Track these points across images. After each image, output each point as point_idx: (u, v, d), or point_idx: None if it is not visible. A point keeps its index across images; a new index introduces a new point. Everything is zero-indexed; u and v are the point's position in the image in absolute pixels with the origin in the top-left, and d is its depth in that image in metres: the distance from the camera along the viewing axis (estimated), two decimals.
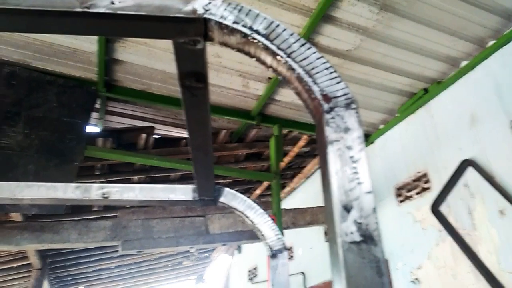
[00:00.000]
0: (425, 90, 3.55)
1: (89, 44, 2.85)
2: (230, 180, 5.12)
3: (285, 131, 4.29)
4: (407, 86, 3.55)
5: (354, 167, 0.52)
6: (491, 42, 3.03)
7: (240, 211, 1.34)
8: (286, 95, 3.60)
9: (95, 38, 2.77)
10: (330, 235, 0.49)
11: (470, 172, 2.97)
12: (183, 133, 4.23)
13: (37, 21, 0.58)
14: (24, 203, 1.35)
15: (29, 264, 5.43)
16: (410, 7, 2.72)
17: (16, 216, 3.51)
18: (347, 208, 0.49)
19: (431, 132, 3.46)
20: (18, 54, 2.86)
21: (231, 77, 3.29)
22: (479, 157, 2.94)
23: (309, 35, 2.84)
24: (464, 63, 3.24)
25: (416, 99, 3.62)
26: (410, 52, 3.13)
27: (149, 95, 3.41)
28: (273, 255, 1.37)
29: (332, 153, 0.53)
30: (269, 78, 3.35)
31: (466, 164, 3.01)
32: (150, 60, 3.06)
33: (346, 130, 0.56)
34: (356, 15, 2.77)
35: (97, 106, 3.41)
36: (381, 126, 4.05)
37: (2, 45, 2.78)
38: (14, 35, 2.70)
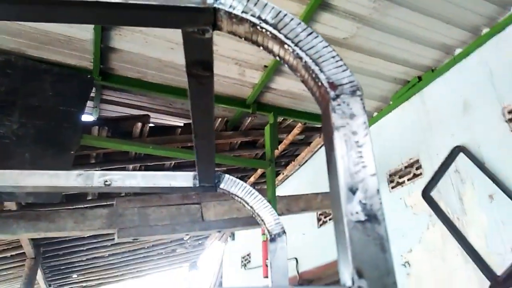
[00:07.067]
0: (419, 78, 3.59)
1: (84, 32, 2.83)
2: (225, 168, 5.16)
3: (279, 119, 4.31)
4: (401, 74, 3.58)
5: (359, 151, 0.55)
6: (486, 30, 3.07)
7: (239, 197, 1.37)
8: (281, 83, 3.62)
9: (90, 26, 2.75)
10: (336, 215, 0.53)
11: (461, 158, 3.04)
12: (178, 122, 4.23)
13: (47, 11, 0.59)
14: (27, 191, 1.36)
15: (23, 253, 5.44)
16: None
17: (11, 205, 3.51)
18: (352, 190, 0.52)
19: (424, 119, 3.51)
20: (13, 42, 2.83)
21: (228, 65, 3.29)
22: (471, 144, 3.00)
23: (306, 23, 2.83)
24: (458, 50, 3.28)
25: (410, 87, 3.66)
26: (405, 40, 3.15)
27: (145, 83, 3.40)
28: (272, 239, 1.41)
29: (338, 138, 0.56)
30: (265, 66, 3.36)
31: (457, 150, 3.07)
32: (146, 48, 3.05)
33: (352, 116, 0.59)
34: (353, 3, 2.77)
35: (92, 94, 3.39)
36: (375, 114, 4.10)
37: None
38: (8, 23, 2.67)
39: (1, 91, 2.70)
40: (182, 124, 4.23)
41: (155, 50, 3.07)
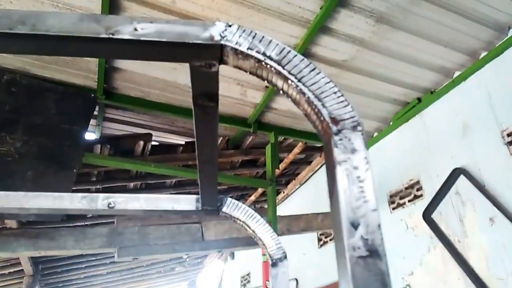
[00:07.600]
0: (419, 100, 3.63)
1: None
2: (225, 186, 5.15)
3: (280, 138, 4.34)
4: (401, 95, 3.62)
5: (361, 186, 0.56)
6: (484, 54, 3.12)
7: (242, 221, 1.38)
8: (282, 103, 3.65)
9: None
10: (338, 250, 0.54)
11: (462, 180, 3.04)
12: (179, 140, 4.26)
13: (64, 46, 0.61)
14: (30, 213, 1.37)
15: (21, 270, 5.40)
16: (405, 19, 2.80)
17: (11, 223, 3.50)
18: (354, 225, 0.53)
19: (424, 140, 3.53)
20: (19, 61, 2.88)
21: (230, 85, 3.33)
22: (471, 166, 3.01)
23: (307, 46, 2.90)
24: (457, 73, 3.32)
25: (409, 108, 3.70)
26: (404, 63, 3.20)
27: (147, 102, 3.44)
28: (274, 263, 1.40)
29: (340, 173, 0.58)
30: (266, 86, 3.40)
31: (457, 172, 3.08)
32: (150, 69, 3.09)
33: (353, 151, 0.60)
34: (352, 27, 2.83)
35: (95, 113, 3.43)
36: (375, 134, 4.12)
37: (3, 52, 2.79)
38: None
39: (5, 109, 2.73)
40: (183, 143, 4.25)
41: (159, 70, 3.11)
